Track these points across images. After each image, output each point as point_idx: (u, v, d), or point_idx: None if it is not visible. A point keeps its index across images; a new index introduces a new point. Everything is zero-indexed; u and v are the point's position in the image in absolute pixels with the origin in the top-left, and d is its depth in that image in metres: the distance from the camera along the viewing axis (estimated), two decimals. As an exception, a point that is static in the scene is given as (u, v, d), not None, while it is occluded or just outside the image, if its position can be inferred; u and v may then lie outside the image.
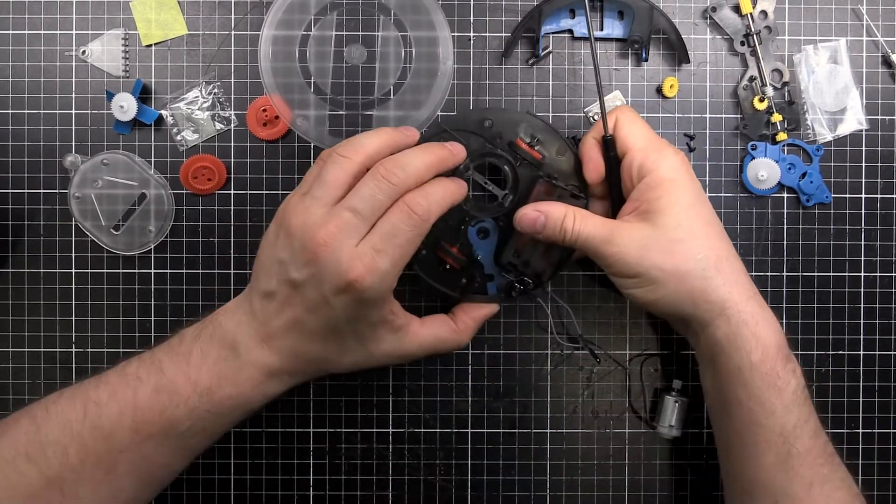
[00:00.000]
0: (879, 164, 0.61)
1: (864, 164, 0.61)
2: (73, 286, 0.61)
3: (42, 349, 0.61)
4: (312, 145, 0.60)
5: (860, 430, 0.61)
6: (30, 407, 0.51)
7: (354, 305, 0.48)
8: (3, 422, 0.51)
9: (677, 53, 0.60)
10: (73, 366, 0.61)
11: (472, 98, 0.61)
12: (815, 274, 0.61)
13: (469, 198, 0.56)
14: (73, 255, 0.61)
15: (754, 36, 0.60)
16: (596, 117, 0.60)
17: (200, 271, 0.61)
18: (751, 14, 0.60)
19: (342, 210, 0.48)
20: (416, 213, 0.48)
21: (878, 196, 0.61)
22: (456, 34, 0.61)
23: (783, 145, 0.61)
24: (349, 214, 0.48)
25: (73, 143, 0.61)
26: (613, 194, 0.55)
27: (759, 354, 0.50)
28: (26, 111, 0.61)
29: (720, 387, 0.52)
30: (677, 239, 0.51)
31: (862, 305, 0.61)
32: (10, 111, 0.60)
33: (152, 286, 0.61)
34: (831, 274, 0.61)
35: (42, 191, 0.61)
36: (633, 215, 0.53)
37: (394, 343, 0.52)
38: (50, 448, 0.48)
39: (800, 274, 0.61)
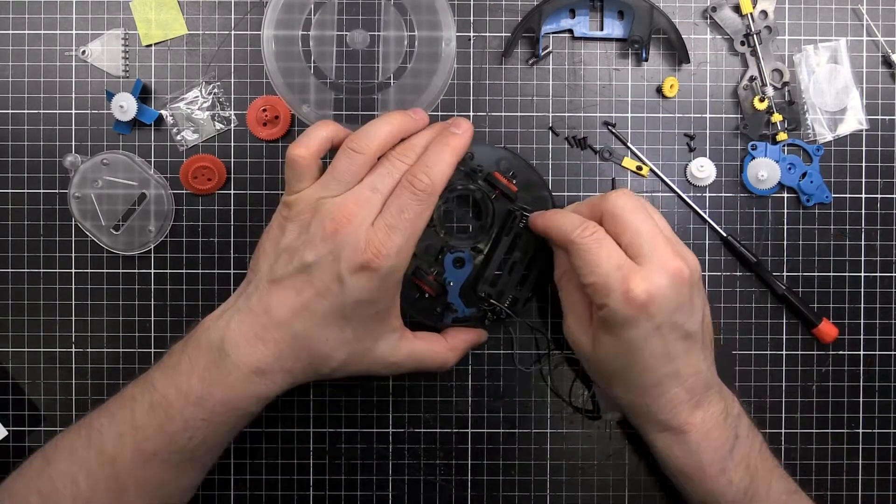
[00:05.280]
0: (879, 164, 0.61)
1: (864, 164, 0.61)
2: (73, 286, 0.61)
3: (42, 349, 0.61)
4: (312, 145, 0.60)
5: (860, 430, 0.61)
6: (43, 447, 0.52)
7: (369, 285, 0.48)
8: (21, 465, 0.52)
9: (677, 53, 0.60)
10: (73, 366, 0.61)
11: (472, 98, 0.61)
12: (815, 274, 0.61)
13: (446, 227, 0.58)
14: (73, 255, 0.61)
15: (754, 36, 0.60)
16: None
17: (200, 271, 0.61)
18: (751, 14, 0.60)
19: (362, 189, 0.49)
20: (419, 189, 0.49)
21: (878, 196, 0.61)
22: (456, 34, 0.60)
23: (783, 145, 0.61)
24: (369, 193, 0.49)
25: (73, 143, 0.61)
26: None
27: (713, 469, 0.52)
28: (26, 111, 0.61)
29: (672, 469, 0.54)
30: (647, 384, 0.52)
31: (862, 305, 0.61)
32: (10, 111, 0.60)
33: (152, 286, 0.61)
34: (831, 274, 0.61)
35: (42, 191, 0.61)
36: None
37: (390, 344, 0.52)
38: (60, 480, 0.49)
39: (800, 274, 0.61)
